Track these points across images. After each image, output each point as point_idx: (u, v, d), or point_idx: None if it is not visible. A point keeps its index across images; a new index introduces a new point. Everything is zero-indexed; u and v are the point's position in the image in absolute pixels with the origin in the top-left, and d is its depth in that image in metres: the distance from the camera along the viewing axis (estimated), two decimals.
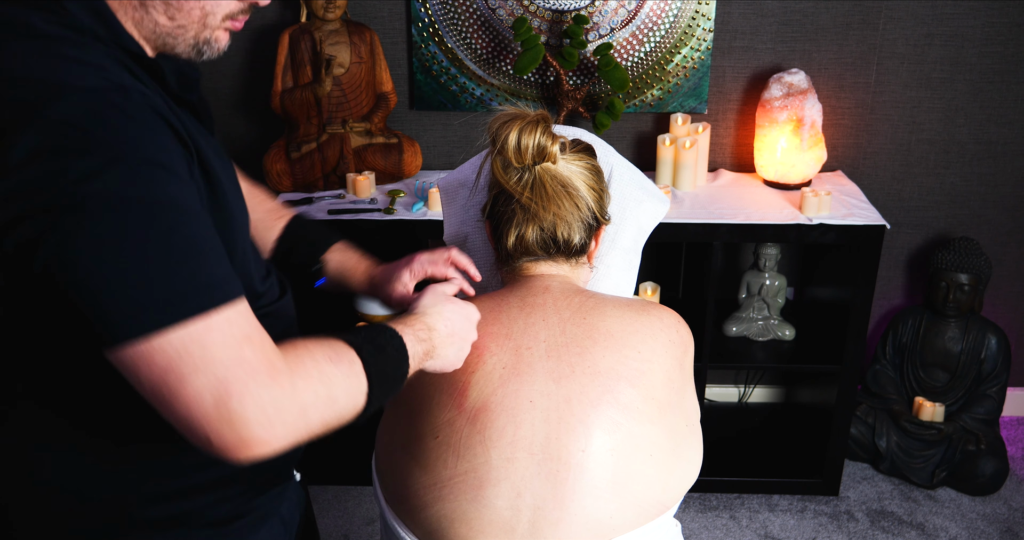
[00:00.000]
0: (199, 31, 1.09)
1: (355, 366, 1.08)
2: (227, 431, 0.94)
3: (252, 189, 1.50)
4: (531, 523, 1.23)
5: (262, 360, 0.97)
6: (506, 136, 1.37)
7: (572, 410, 1.26)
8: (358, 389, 1.08)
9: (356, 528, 2.65)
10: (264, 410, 0.96)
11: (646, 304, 1.40)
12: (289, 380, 0.99)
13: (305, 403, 1.00)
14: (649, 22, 2.71)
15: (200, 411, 0.94)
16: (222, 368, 0.94)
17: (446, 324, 1.24)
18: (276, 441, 0.98)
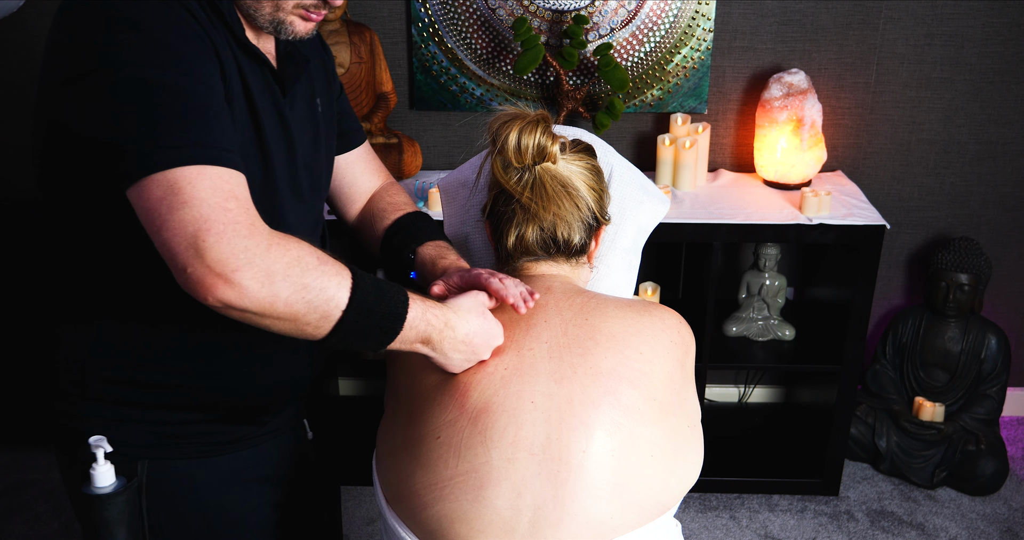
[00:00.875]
0: (273, 11, 1.24)
1: (341, 278, 1.14)
2: (198, 263, 1.07)
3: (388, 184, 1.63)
4: (531, 523, 1.23)
5: (244, 215, 1.09)
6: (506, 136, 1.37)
7: (573, 411, 1.26)
8: (333, 297, 1.13)
9: (356, 528, 2.65)
10: (234, 253, 1.07)
11: (647, 304, 1.40)
12: (265, 241, 1.09)
13: (273, 269, 1.09)
14: (649, 22, 2.71)
15: (180, 240, 1.07)
16: (206, 208, 1.07)
17: (466, 331, 1.25)
18: (240, 288, 1.07)
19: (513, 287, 1.34)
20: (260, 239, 1.09)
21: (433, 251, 1.51)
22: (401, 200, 1.61)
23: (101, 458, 1.25)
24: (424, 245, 1.52)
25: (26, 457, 2.93)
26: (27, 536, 2.62)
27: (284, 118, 1.31)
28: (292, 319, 1.12)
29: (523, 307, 1.32)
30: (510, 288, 1.34)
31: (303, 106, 1.37)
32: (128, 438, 1.32)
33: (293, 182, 1.35)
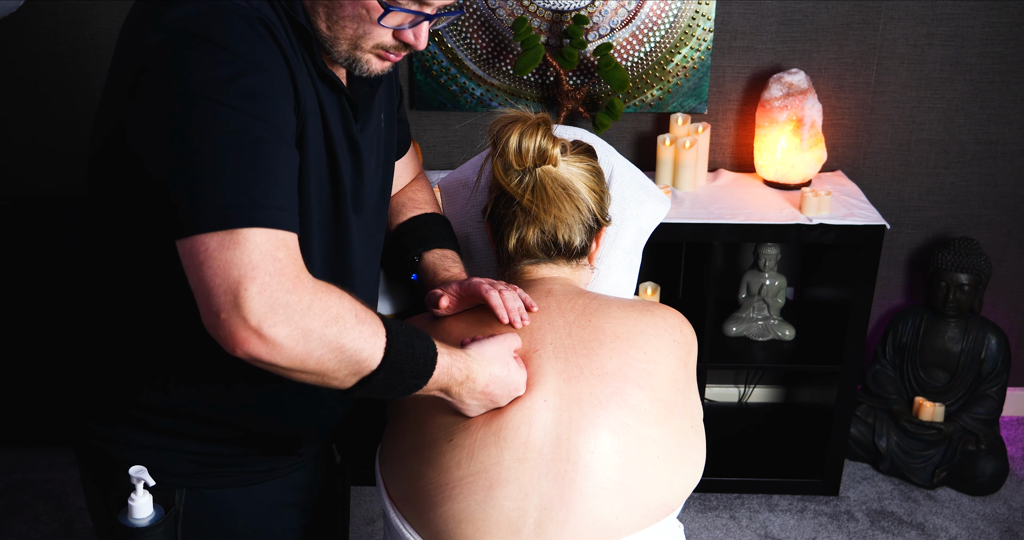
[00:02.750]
0: (350, 49, 1.20)
1: (377, 338, 1.12)
2: (234, 312, 1.02)
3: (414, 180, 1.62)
4: (537, 524, 1.23)
5: (291, 266, 1.05)
6: (507, 139, 1.38)
7: (583, 411, 1.26)
8: (368, 357, 1.11)
9: (356, 528, 2.65)
10: (273, 309, 1.02)
11: (649, 304, 1.40)
12: (308, 297, 1.05)
13: (311, 328, 1.05)
14: (649, 22, 2.71)
15: (221, 283, 1.02)
16: (257, 254, 1.03)
17: (485, 382, 1.23)
18: (272, 345, 1.04)
19: (512, 300, 1.34)
20: (303, 295, 1.05)
21: (438, 260, 1.49)
22: (421, 197, 1.59)
23: (141, 489, 1.22)
24: (431, 251, 1.50)
25: (26, 457, 2.93)
26: (27, 536, 2.62)
27: (355, 142, 1.28)
28: (321, 374, 1.10)
29: (519, 323, 1.32)
30: (508, 301, 1.33)
31: (372, 126, 1.35)
32: (168, 466, 1.29)
33: (357, 200, 1.32)
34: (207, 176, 1.04)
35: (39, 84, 2.78)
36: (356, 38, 1.19)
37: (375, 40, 1.19)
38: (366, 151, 1.31)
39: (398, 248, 1.53)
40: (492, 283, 1.36)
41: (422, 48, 1.22)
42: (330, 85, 1.23)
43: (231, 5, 1.08)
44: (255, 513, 1.36)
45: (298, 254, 1.08)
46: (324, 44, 1.20)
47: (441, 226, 1.56)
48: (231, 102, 1.05)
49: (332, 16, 1.17)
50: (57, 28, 2.72)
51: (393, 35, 1.20)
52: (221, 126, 1.04)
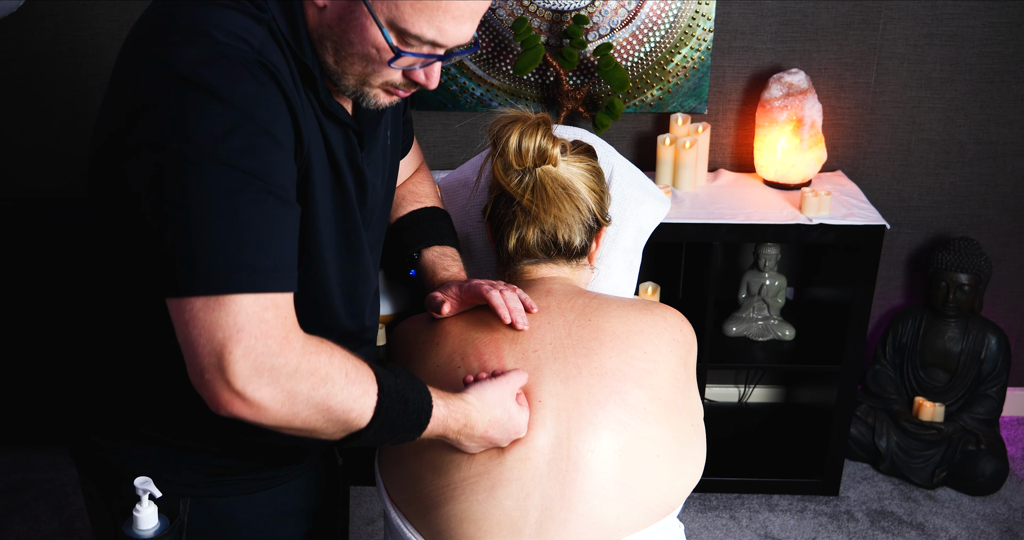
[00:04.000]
0: (357, 84, 1.17)
1: (367, 398, 1.11)
2: (218, 375, 1.01)
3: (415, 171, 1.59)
4: (538, 523, 1.23)
5: (279, 328, 1.03)
6: (507, 139, 1.38)
7: (581, 411, 1.26)
8: (356, 417, 1.10)
9: (356, 528, 2.65)
10: (257, 371, 1.02)
11: (649, 304, 1.40)
12: (296, 360, 1.04)
13: (297, 390, 1.05)
14: (649, 22, 2.71)
15: (206, 344, 1.01)
16: (243, 316, 1.01)
17: (484, 427, 1.22)
18: (257, 408, 1.03)
19: (512, 300, 1.33)
20: (290, 357, 1.04)
21: (437, 259, 1.48)
22: (422, 190, 1.58)
23: (146, 500, 1.21)
24: (430, 249, 1.50)
25: (26, 457, 2.92)
26: (27, 536, 2.62)
27: (359, 170, 1.26)
28: (308, 432, 1.10)
29: (520, 324, 1.31)
30: (509, 301, 1.33)
31: (378, 146, 1.33)
32: (171, 476, 1.28)
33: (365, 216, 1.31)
34: (197, 238, 1.02)
35: (39, 84, 2.78)
36: (364, 75, 1.16)
37: (384, 78, 1.17)
38: (371, 175, 1.29)
39: (398, 243, 1.51)
40: (492, 284, 1.36)
41: (434, 87, 1.18)
42: (335, 120, 1.21)
43: (232, 50, 1.05)
44: (259, 520, 1.35)
45: (289, 312, 1.06)
46: (331, 77, 1.17)
47: (441, 221, 1.54)
48: (227, 160, 1.02)
49: (340, 52, 1.14)
50: (57, 28, 2.72)
51: (403, 74, 1.17)
52: (214, 186, 1.02)
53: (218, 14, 1.07)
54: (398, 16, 1.09)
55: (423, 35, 1.10)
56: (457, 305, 1.39)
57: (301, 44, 1.13)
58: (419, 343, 1.39)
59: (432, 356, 1.36)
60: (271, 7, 1.11)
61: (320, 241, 1.21)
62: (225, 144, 1.02)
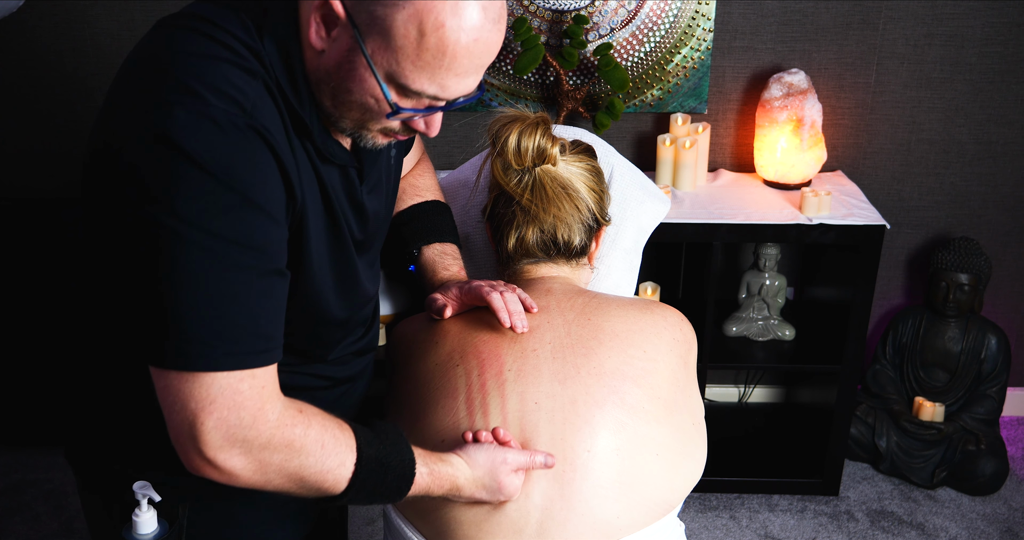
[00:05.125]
0: (355, 128, 1.14)
1: (342, 469, 1.12)
2: (189, 442, 1.04)
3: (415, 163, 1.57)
4: (539, 524, 1.23)
5: (253, 400, 1.04)
6: (506, 138, 1.38)
7: (577, 411, 1.26)
8: (331, 486, 1.12)
9: (356, 528, 2.65)
10: (229, 442, 1.04)
11: (649, 303, 1.40)
12: (268, 432, 1.05)
13: (269, 461, 1.07)
14: (649, 22, 2.71)
15: (178, 412, 1.03)
16: (215, 388, 1.02)
17: (471, 493, 1.22)
18: (228, 475, 1.06)
19: (513, 302, 1.33)
20: (263, 429, 1.05)
21: (437, 258, 1.48)
22: (422, 183, 1.56)
23: (145, 505, 1.21)
24: (430, 246, 1.49)
25: (26, 457, 2.92)
26: (27, 536, 2.62)
27: (359, 202, 1.23)
28: (283, 493, 1.13)
29: (520, 327, 1.31)
30: (510, 304, 1.32)
31: (380, 171, 1.29)
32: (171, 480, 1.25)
33: (368, 246, 1.30)
34: (174, 313, 1.01)
35: (39, 84, 2.78)
36: (362, 121, 1.13)
37: (382, 125, 1.13)
38: (373, 203, 1.27)
39: (397, 239, 1.50)
40: (492, 285, 1.36)
41: (434, 135, 1.15)
42: (332, 163, 1.18)
43: (222, 114, 1.01)
44: (259, 523, 1.35)
45: (268, 380, 1.06)
46: (328, 118, 1.14)
47: (441, 216, 1.53)
48: (210, 235, 1.00)
49: (338, 98, 1.10)
50: (57, 28, 2.72)
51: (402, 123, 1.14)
52: (196, 262, 1.00)
53: (212, 69, 1.03)
54: (398, 72, 1.05)
55: (424, 91, 1.07)
56: (457, 307, 1.39)
57: (298, 90, 1.10)
58: (419, 342, 1.39)
59: (431, 355, 1.36)
60: (268, 51, 1.08)
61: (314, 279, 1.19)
62: (208, 218, 1.00)
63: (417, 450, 1.19)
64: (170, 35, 1.07)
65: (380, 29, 1.02)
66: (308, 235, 1.14)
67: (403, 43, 1.02)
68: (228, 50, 1.05)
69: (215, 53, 1.04)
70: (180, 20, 1.09)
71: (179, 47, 1.05)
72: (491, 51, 1.06)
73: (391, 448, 1.16)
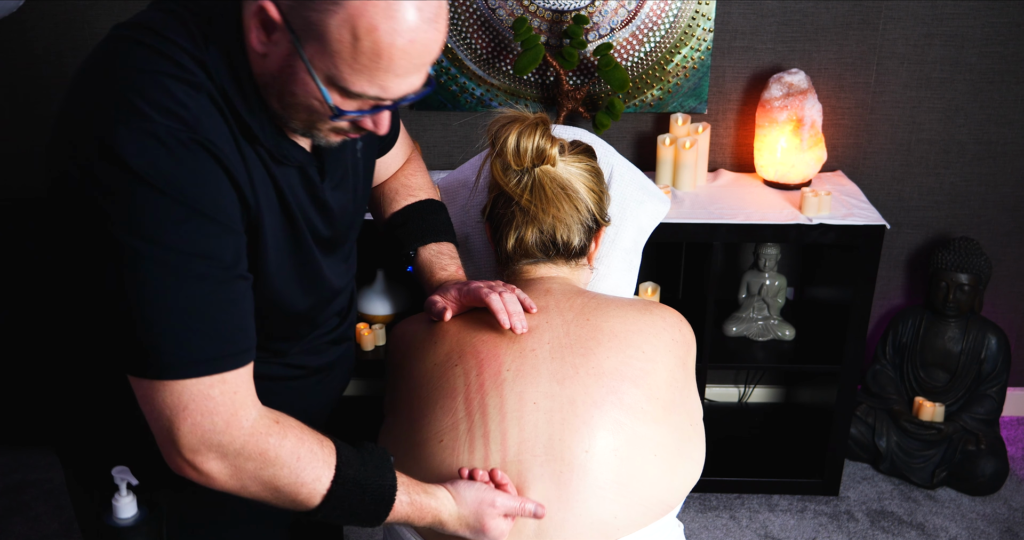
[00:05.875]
0: (305, 128, 1.15)
1: (318, 483, 1.13)
2: (170, 446, 1.09)
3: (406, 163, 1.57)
4: (537, 524, 1.23)
5: (226, 405, 1.08)
6: (505, 139, 1.38)
7: (576, 411, 1.26)
8: (305, 499, 1.14)
9: (356, 528, 2.65)
10: (204, 445, 1.08)
11: (648, 304, 1.40)
12: (242, 439, 1.09)
13: (243, 467, 1.10)
14: (649, 22, 2.71)
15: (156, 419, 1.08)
16: (187, 396, 1.06)
17: (455, 528, 1.22)
18: (207, 477, 1.10)
19: (512, 303, 1.33)
20: (236, 435, 1.08)
21: (434, 258, 1.48)
22: (415, 182, 1.56)
23: (124, 489, 1.23)
24: (427, 247, 1.50)
25: (26, 457, 2.93)
26: (27, 536, 2.62)
27: (322, 200, 1.25)
28: (262, 502, 1.15)
29: (519, 329, 1.31)
30: (509, 304, 1.32)
31: (345, 166, 1.30)
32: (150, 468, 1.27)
33: (335, 243, 1.31)
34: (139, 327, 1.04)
35: (39, 84, 2.78)
36: (311, 121, 1.14)
37: (330, 126, 1.15)
38: (336, 198, 1.28)
39: (393, 241, 1.51)
40: (491, 285, 1.36)
41: (383, 134, 1.16)
42: (287, 165, 1.19)
43: (165, 130, 1.03)
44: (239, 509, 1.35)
45: (240, 385, 1.09)
46: (279, 119, 1.15)
47: (435, 215, 1.53)
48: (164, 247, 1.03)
49: (284, 101, 1.12)
50: (57, 28, 2.72)
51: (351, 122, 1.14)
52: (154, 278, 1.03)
53: (155, 85, 1.05)
54: (337, 75, 1.05)
55: (365, 93, 1.07)
56: (456, 309, 1.39)
57: (246, 96, 1.11)
58: (417, 342, 1.40)
59: (430, 355, 1.36)
60: (213, 60, 1.09)
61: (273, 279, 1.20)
62: (161, 232, 1.03)
63: (402, 478, 1.20)
64: (119, 49, 1.08)
65: (315, 34, 1.03)
66: (265, 239, 1.16)
67: (338, 47, 1.03)
68: (173, 64, 1.07)
69: (160, 68, 1.06)
70: (130, 31, 1.10)
71: (125, 62, 1.07)
72: (430, 50, 1.06)
73: (373, 471, 1.17)
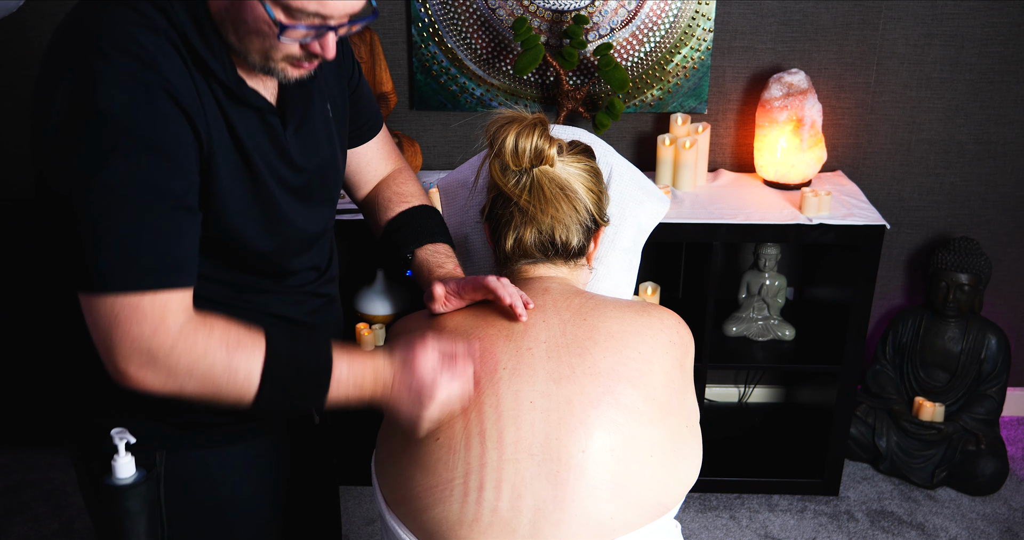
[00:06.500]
0: (262, 60, 1.23)
1: (251, 364, 1.20)
2: (106, 355, 1.17)
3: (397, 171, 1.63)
4: (532, 524, 1.23)
5: (153, 314, 1.16)
6: (504, 139, 1.38)
7: (572, 411, 1.26)
8: (244, 381, 1.21)
9: (356, 528, 2.65)
10: (135, 352, 1.16)
11: (646, 305, 1.40)
12: (171, 341, 1.17)
13: (175, 367, 1.17)
14: (649, 22, 2.71)
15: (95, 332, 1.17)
16: (118, 306, 1.15)
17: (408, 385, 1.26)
18: (141, 384, 1.17)
19: (512, 287, 1.35)
20: (164, 339, 1.16)
21: (430, 257, 1.50)
22: (407, 190, 1.59)
23: (122, 449, 1.30)
24: (423, 248, 1.51)
25: (26, 457, 2.93)
26: (27, 536, 2.62)
27: (284, 148, 1.31)
28: (207, 399, 1.21)
29: (519, 308, 1.32)
30: (508, 287, 1.34)
31: (314, 120, 1.37)
32: (146, 430, 1.35)
33: (309, 194, 1.37)
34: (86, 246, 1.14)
35: None
36: (265, 50, 1.21)
37: (283, 52, 1.21)
38: (304, 149, 1.34)
39: (390, 246, 1.54)
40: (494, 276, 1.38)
41: (331, 57, 1.22)
42: (245, 105, 1.25)
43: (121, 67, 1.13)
44: (232, 473, 1.43)
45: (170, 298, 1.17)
46: (239, 55, 1.23)
47: (430, 219, 1.55)
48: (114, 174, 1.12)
49: (239, 31, 1.19)
50: None
51: (300, 47, 1.21)
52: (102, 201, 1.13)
53: (120, 31, 1.15)
54: None
55: (305, 8, 1.15)
56: (455, 299, 1.39)
57: (206, 37, 1.20)
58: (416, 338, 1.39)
59: None
60: (176, 8, 1.18)
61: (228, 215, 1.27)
62: (113, 161, 1.12)
63: (340, 349, 1.27)
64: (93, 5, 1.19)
65: None
66: (218, 175, 1.23)
67: None
68: (138, 14, 1.17)
69: (126, 18, 1.16)
70: None
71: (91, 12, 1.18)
72: None
73: (304, 345, 1.24)
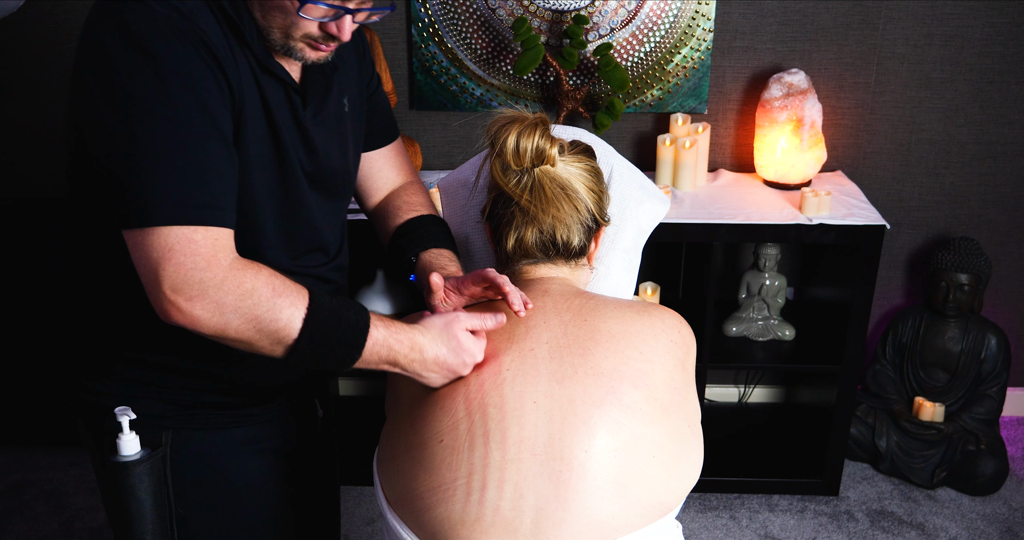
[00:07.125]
0: (283, 38, 1.29)
1: (295, 309, 1.22)
2: (156, 289, 1.18)
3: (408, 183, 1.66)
4: (534, 524, 1.23)
5: (206, 247, 1.18)
6: (505, 139, 1.38)
7: (575, 411, 1.26)
8: (285, 326, 1.22)
9: (356, 528, 2.65)
10: (188, 284, 1.17)
11: (647, 305, 1.40)
12: (222, 274, 1.18)
13: (224, 301, 1.19)
14: (649, 22, 2.71)
15: (145, 265, 1.19)
16: (172, 238, 1.17)
17: (435, 354, 1.29)
18: (190, 317, 1.19)
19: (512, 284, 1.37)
20: (216, 272, 1.18)
21: (434, 259, 1.52)
22: (417, 200, 1.63)
23: (127, 427, 1.33)
24: (427, 251, 1.53)
25: (26, 457, 2.93)
26: (27, 536, 2.62)
27: (304, 127, 1.36)
28: (246, 343, 1.23)
29: (516, 305, 1.34)
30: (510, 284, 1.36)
31: (330, 111, 1.42)
32: (150, 410, 1.39)
33: (320, 181, 1.41)
34: (134, 179, 1.17)
35: (39, 84, 2.78)
36: (286, 28, 1.27)
37: (303, 30, 1.28)
38: (319, 134, 1.39)
39: (396, 250, 1.56)
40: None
41: (346, 40, 1.30)
42: (273, 76, 1.32)
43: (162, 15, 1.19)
44: (237, 453, 1.46)
45: (220, 235, 1.20)
46: (262, 33, 1.29)
47: (437, 227, 1.58)
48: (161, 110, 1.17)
49: (264, 7, 1.26)
50: (57, 28, 2.72)
51: (319, 27, 1.28)
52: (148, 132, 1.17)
53: None
54: None
55: None
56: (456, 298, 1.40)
57: (236, 4, 1.26)
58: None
59: None
60: None
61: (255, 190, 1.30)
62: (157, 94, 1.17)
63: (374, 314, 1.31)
64: None
65: None
66: (245, 136, 1.28)
67: None
68: None
69: None
70: None
71: None
72: None
73: (345, 303, 1.27)
